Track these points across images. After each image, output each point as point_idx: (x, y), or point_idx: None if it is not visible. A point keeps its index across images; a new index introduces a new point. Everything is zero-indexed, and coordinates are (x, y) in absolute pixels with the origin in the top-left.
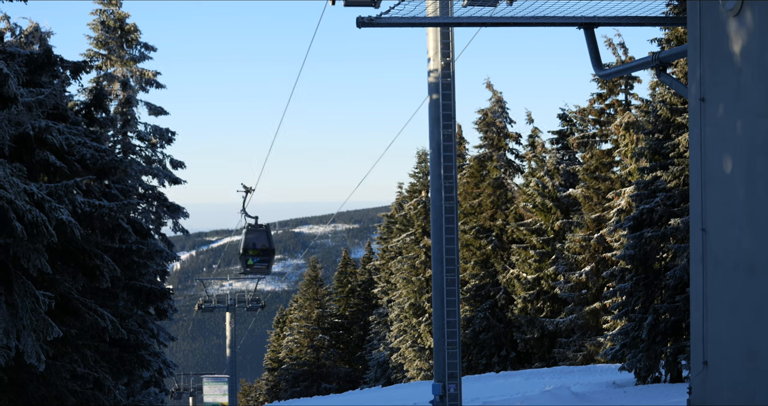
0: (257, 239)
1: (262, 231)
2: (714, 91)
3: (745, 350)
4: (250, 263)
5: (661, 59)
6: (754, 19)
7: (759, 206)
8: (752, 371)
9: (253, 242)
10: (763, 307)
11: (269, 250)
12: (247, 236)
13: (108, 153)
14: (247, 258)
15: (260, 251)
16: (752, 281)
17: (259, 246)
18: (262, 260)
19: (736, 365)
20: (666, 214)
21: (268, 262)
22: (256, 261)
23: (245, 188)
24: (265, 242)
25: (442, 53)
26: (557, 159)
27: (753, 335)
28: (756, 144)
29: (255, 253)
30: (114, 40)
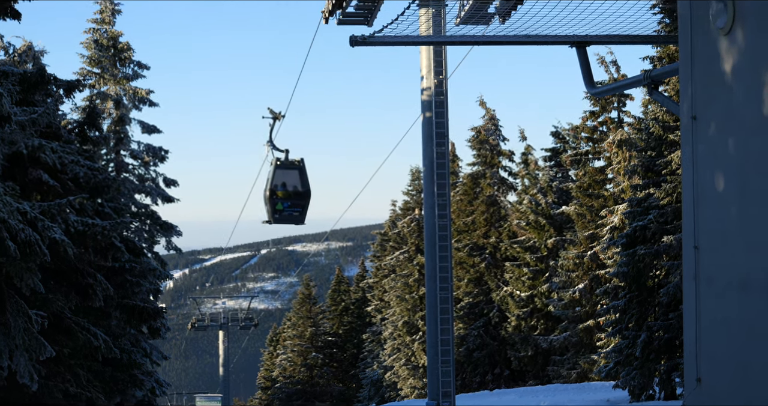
0: (289, 177)
1: (295, 168)
2: (706, 109)
3: (739, 368)
4: (279, 208)
5: (652, 77)
6: (745, 38)
7: (751, 223)
8: (745, 388)
9: (283, 182)
10: (756, 324)
11: (304, 193)
12: (276, 174)
13: (101, 172)
14: (275, 202)
15: (292, 193)
16: (745, 299)
17: (291, 187)
18: (295, 205)
19: (729, 383)
20: (659, 231)
21: (302, 208)
22: (287, 206)
23: (273, 114)
24: (299, 182)
25: (435, 71)
26: (550, 176)
27: (746, 352)
28: (748, 162)
29: (285, 195)
30: (107, 58)
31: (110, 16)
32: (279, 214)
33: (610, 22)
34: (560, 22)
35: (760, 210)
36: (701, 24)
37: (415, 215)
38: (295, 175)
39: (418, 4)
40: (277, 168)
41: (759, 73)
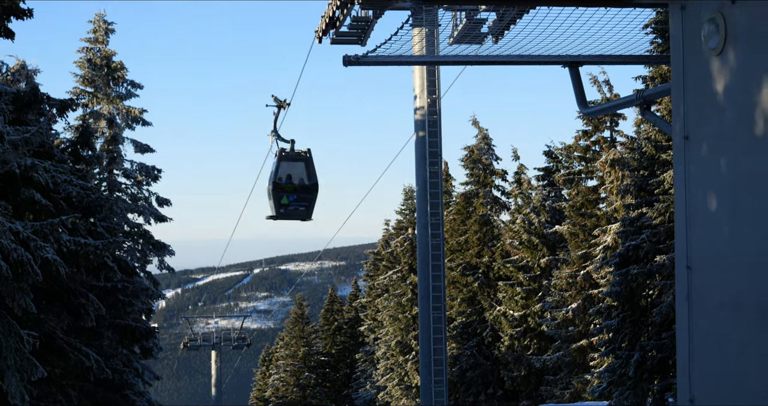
0: (294, 169)
1: (301, 159)
2: (698, 129)
3: (732, 388)
4: (284, 202)
5: (645, 97)
6: (737, 58)
7: (743, 243)
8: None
9: (288, 174)
10: (749, 344)
11: (311, 186)
12: (280, 165)
13: (94, 191)
14: (280, 195)
15: (298, 186)
16: (738, 318)
17: (297, 180)
18: (301, 199)
19: (722, 402)
20: (652, 251)
21: (309, 202)
22: (292, 200)
23: (277, 102)
24: (305, 174)
25: (428, 91)
26: (543, 196)
27: (739, 372)
28: (740, 182)
29: (290, 189)
30: (101, 77)
31: (103, 35)
32: (284, 208)
33: (603, 42)
34: (553, 42)
35: (752, 230)
36: (693, 45)
37: (408, 234)
38: (301, 167)
39: (411, 24)
40: (282, 159)
41: (750, 94)
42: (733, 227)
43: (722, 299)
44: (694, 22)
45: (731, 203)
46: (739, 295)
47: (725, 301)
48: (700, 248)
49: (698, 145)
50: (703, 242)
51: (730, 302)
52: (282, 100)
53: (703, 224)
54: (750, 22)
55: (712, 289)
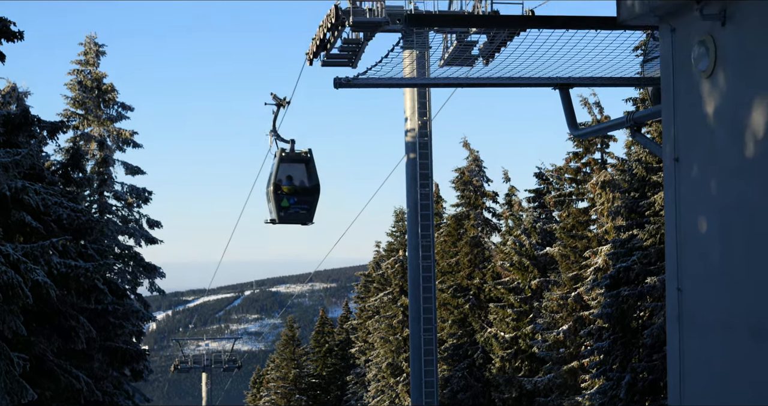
0: (295, 171)
1: (302, 160)
2: (688, 151)
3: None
4: (284, 204)
5: (635, 119)
6: (727, 81)
7: (734, 265)
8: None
9: (288, 175)
10: (740, 365)
11: (312, 188)
12: (280, 167)
13: (84, 213)
14: (280, 198)
15: (299, 188)
16: (728, 339)
17: (298, 182)
18: (302, 201)
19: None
20: (643, 272)
21: (311, 205)
22: (293, 202)
23: (276, 100)
24: (306, 176)
25: (419, 113)
26: (534, 217)
27: (730, 393)
28: (730, 204)
29: (290, 191)
30: (91, 99)
31: (94, 57)
32: (285, 212)
33: (593, 64)
34: (543, 65)
35: (742, 252)
36: (683, 67)
37: (399, 256)
38: (301, 169)
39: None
40: (282, 160)
41: (740, 116)
42: (723, 249)
43: (713, 320)
44: (685, 45)
45: (721, 224)
46: (729, 316)
47: (716, 322)
48: (690, 269)
49: (689, 167)
50: (693, 263)
51: (721, 323)
52: (281, 99)
53: (693, 245)
54: (740, 44)
55: (703, 310)
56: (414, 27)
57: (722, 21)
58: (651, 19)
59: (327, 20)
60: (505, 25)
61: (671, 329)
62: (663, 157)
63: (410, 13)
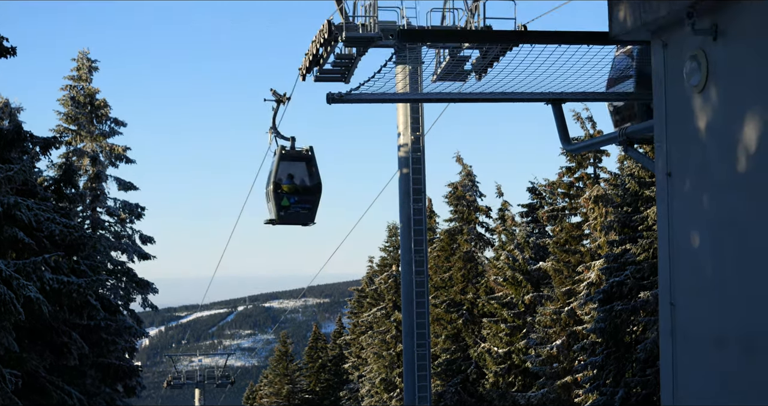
0: (295, 169)
1: (303, 158)
2: (680, 166)
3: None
4: (284, 204)
5: (628, 134)
6: (719, 95)
7: (726, 279)
8: None
9: (288, 174)
10: (733, 379)
11: (313, 187)
12: (280, 165)
13: (77, 229)
14: (281, 197)
15: (299, 187)
16: (721, 354)
17: (299, 180)
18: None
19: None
20: (636, 287)
21: (312, 204)
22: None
23: (276, 96)
24: (307, 175)
25: (412, 128)
26: (527, 232)
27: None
28: (723, 218)
29: (291, 190)
30: (84, 115)
31: (87, 73)
32: (285, 211)
33: (586, 79)
34: (536, 79)
35: (735, 266)
36: (675, 81)
37: (392, 271)
38: (302, 167)
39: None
40: (282, 158)
41: (732, 131)
42: (716, 264)
43: (706, 335)
44: (676, 60)
45: (714, 239)
46: (722, 330)
47: (709, 337)
48: (683, 284)
49: (681, 181)
50: (686, 278)
51: (714, 337)
52: (281, 95)
53: (686, 260)
54: (731, 59)
55: (696, 325)
56: (407, 42)
57: (714, 36)
58: (643, 34)
59: (320, 36)
60: (498, 41)
61: (664, 344)
62: (655, 172)
63: (403, 29)
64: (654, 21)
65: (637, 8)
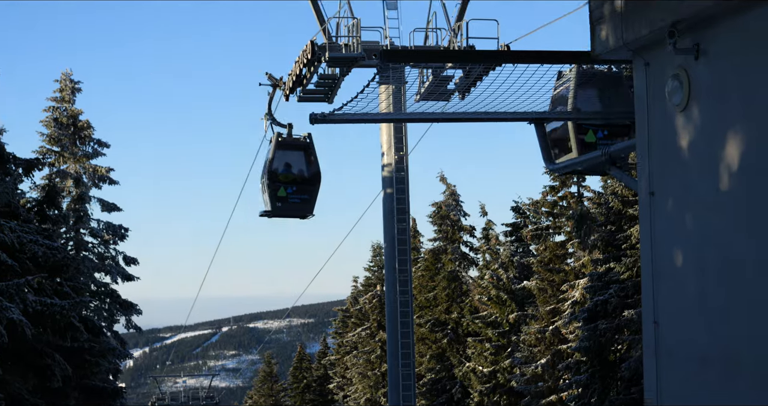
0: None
1: (300, 147)
2: (663, 185)
3: None
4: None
5: (610, 153)
6: (701, 114)
7: (709, 298)
8: None
9: (285, 163)
10: (717, 396)
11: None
12: (276, 153)
13: (60, 251)
14: (277, 187)
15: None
16: (705, 372)
17: (296, 170)
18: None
19: None
20: (620, 305)
21: (311, 195)
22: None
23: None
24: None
25: (396, 147)
26: (511, 251)
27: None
28: (705, 237)
29: (288, 179)
30: (67, 136)
31: (70, 94)
32: (281, 202)
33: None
34: (519, 99)
35: (718, 285)
36: (657, 101)
37: (376, 291)
38: (300, 156)
39: (378, 82)
40: (279, 146)
41: (714, 150)
42: (698, 282)
43: (689, 354)
44: (658, 79)
45: (697, 258)
46: (705, 349)
47: (692, 355)
48: (666, 303)
49: (664, 201)
50: (669, 297)
51: (697, 356)
52: (278, 79)
53: (669, 279)
54: (713, 78)
55: (679, 343)
56: (390, 62)
57: (695, 55)
58: (625, 53)
59: (303, 56)
60: (481, 60)
61: (648, 362)
62: (638, 191)
63: (386, 49)
64: (636, 40)
65: (619, 28)
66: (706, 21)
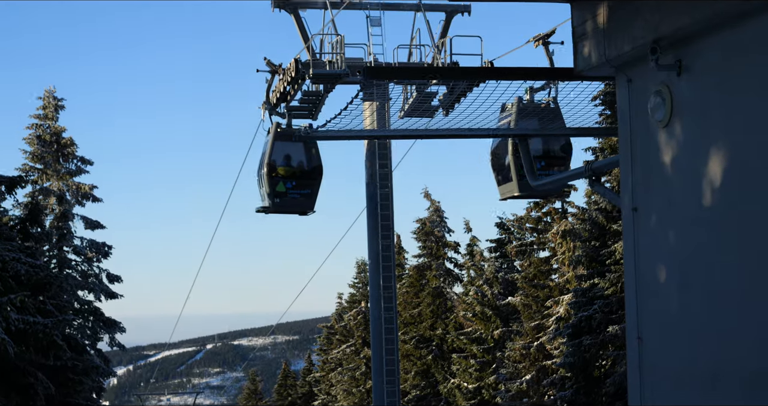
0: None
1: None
2: (646, 201)
3: None
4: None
5: (594, 169)
6: (683, 130)
7: (692, 314)
8: None
9: (285, 155)
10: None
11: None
12: (275, 145)
13: (43, 268)
14: (275, 181)
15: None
16: (689, 387)
17: (296, 163)
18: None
19: None
20: (604, 321)
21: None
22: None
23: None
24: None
25: (380, 164)
26: (496, 267)
27: None
28: (688, 253)
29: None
30: (50, 154)
31: (53, 111)
32: (280, 198)
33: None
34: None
35: (701, 301)
36: (640, 117)
37: (361, 307)
38: (299, 148)
39: (362, 98)
40: (278, 137)
41: (697, 165)
42: (682, 298)
43: (673, 369)
44: (641, 95)
45: (680, 274)
46: (689, 364)
47: (676, 370)
48: (650, 319)
49: (647, 216)
50: (653, 313)
51: (681, 371)
52: (276, 65)
53: (653, 295)
54: (695, 94)
55: (663, 359)
56: (373, 79)
57: (678, 71)
58: (607, 70)
59: (287, 73)
60: (465, 77)
61: (632, 378)
62: (621, 207)
63: (369, 66)
64: (618, 57)
65: (602, 44)
66: (688, 38)
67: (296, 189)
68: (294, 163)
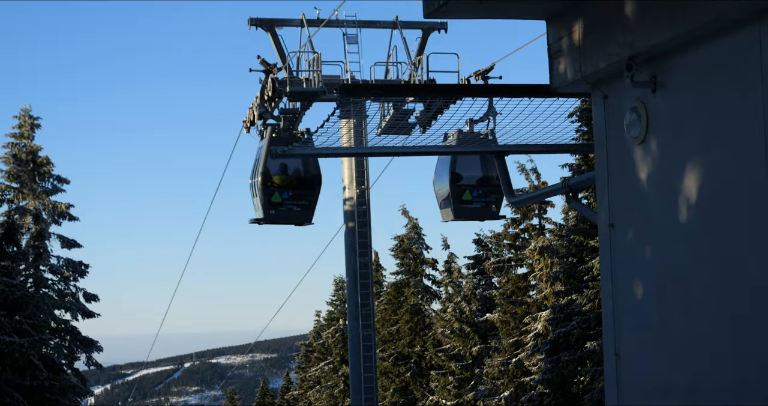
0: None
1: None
2: (622, 218)
3: None
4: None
5: (570, 186)
6: (659, 147)
7: (669, 330)
8: None
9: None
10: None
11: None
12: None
13: (19, 288)
14: (271, 191)
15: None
16: (666, 404)
17: (292, 171)
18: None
19: None
20: (582, 337)
21: (309, 200)
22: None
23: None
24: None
25: (357, 181)
26: (474, 284)
27: None
28: (665, 269)
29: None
30: (26, 173)
31: (29, 130)
32: (275, 209)
33: (528, 131)
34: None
35: (678, 317)
36: (616, 133)
37: (339, 325)
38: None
39: (339, 116)
40: (273, 143)
41: (673, 182)
42: (659, 315)
43: (651, 386)
44: (617, 112)
45: (657, 290)
46: (667, 381)
47: (654, 387)
48: (627, 335)
49: (624, 233)
50: (630, 329)
51: (659, 388)
52: (271, 65)
53: (630, 311)
54: (671, 111)
55: (640, 375)
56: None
57: (653, 88)
58: (583, 86)
59: (264, 92)
60: (441, 94)
61: (610, 395)
62: (598, 224)
63: (346, 83)
64: (594, 73)
65: (577, 61)
66: (664, 54)
67: (293, 200)
68: (290, 171)
